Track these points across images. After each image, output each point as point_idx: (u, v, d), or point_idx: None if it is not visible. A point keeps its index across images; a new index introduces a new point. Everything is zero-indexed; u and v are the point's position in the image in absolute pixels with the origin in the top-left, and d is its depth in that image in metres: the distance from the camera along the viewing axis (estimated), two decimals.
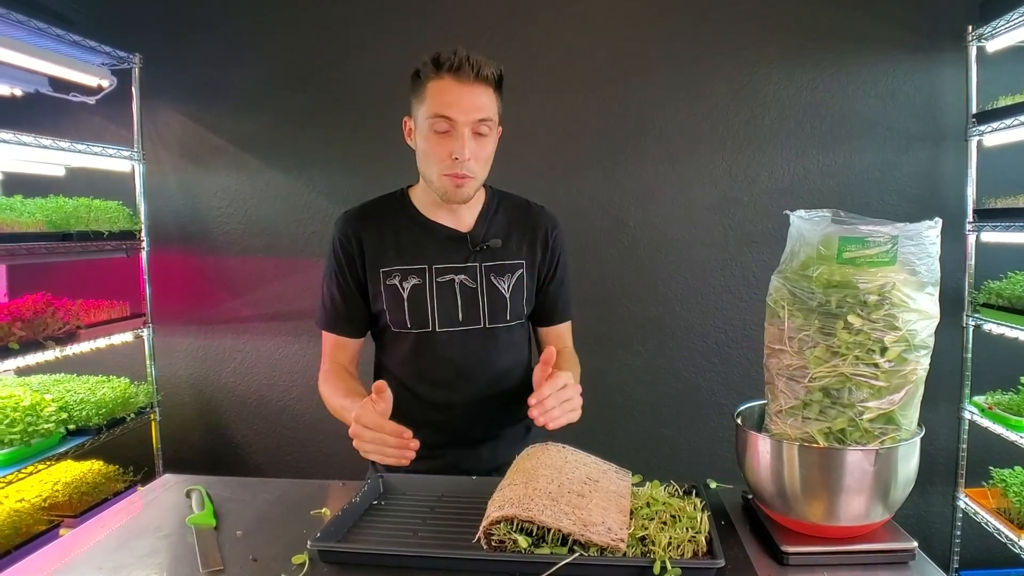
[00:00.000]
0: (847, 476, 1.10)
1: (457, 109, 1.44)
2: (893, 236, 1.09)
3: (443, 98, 1.45)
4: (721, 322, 2.74)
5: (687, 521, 1.17)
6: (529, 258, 1.65)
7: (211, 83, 2.81)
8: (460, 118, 1.44)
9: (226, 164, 2.84)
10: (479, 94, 1.46)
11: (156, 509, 1.36)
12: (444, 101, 1.45)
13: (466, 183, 1.49)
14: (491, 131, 1.51)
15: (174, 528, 1.27)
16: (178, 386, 2.94)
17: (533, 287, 1.66)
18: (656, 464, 2.78)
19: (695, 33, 2.67)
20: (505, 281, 1.62)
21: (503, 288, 1.62)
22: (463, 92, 1.45)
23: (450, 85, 1.45)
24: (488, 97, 1.48)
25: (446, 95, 1.45)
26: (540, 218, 1.68)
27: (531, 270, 1.65)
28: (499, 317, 1.62)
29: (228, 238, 2.87)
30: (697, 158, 2.70)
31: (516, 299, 1.63)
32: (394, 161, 2.71)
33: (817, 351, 1.12)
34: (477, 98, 1.46)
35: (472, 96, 1.45)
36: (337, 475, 2.80)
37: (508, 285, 1.62)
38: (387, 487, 1.42)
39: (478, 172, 1.51)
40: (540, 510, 1.08)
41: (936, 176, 2.66)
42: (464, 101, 1.44)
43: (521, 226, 1.66)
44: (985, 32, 2.46)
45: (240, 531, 1.25)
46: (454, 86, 1.45)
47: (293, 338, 2.88)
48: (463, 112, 1.44)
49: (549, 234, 1.67)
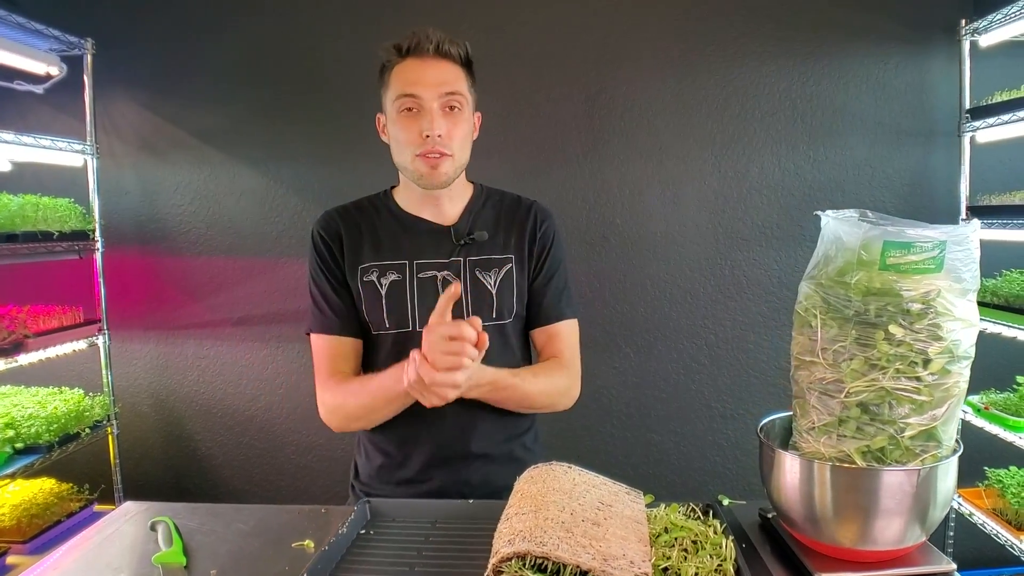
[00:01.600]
0: (887, 498, 1.02)
1: (421, 85, 1.42)
2: (941, 241, 1.01)
3: (406, 77, 1.43)
4: (711, 323, 2.69)
5: (711, 548, 1.09)
6: (518, 252, 1.55)
7: (171, 71, 2.67)
8: (425, 93, 1.41)
9: (187, 158, 2.70)
10: (443, 69, 1.44)
11: (116, 545, 1.22)
12: (407, 80, 1.43)
13: (442, 162, 1.43)
14: (463, 108, 1.46)
15: (138, 568, 1.13)
16: (137, 396, 2.79)
17: (524, 283, 1.56)
18: (645, 469, 2.72)
19: (684, 24, 2.61)
20: (492, 276, 1.52)
21: (489, 283, 1.52)
22: (426, 68, 1.43)
23: (412, 64, 1.44)
24: (453, 72, 1.45)
25: (409, 74, 1.43)
26: (529, 211, 1.60)
27: (520, 265, 1.55)
28: (484, 315, 1.49)
29: (190, 237, 2.73)
30: (686, 153, 2.64)
31: (504, 295, 1.53)
32: (367, 156, 2.63)
33: (854, 363, 1.04)
34: (441, 73, 1.44)
35: (436, 71, 1.43)
36: (309, 489, 2.78)
37: (495, 280, 1.52)
38: (375, 513, 1.30)
39: (455, 150, 1.45)
40: (555, 544, 0.98)
41: (928, 172, 2.64)
42: (428, 76, 1.42)
43: (509, 219, 1.58)
44: (979, 26, 2.45)
45: (214, 570, 1.12)
46: (416, 64, 1.43)
47: (261, 343, 2.75)
48: (427, 87, 1.42)
49: (539, 226, 1.58)
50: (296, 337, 2.72)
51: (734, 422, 2.72)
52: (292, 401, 2.76)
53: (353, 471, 1.67)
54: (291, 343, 2.73)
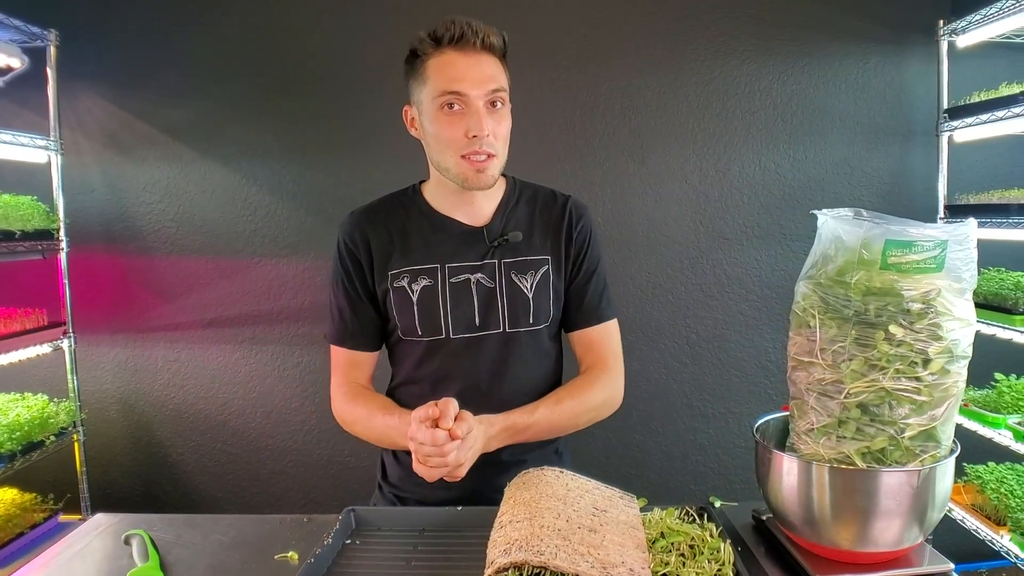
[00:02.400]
0: (888, 499, 1.02)
1: (468, 82, 1.32)
2: (943, 240, 1.01)
3: (449, 73, 1.33)
4: (693, 322, 2.68)
5: (708, 552, 1.08)
6: (555, 253, 1.49)
7: (139, 64, 2.59)
8: (472, 91, 1.32)
9: (156, 155, 2.62)
10: (488, 64, 1.35)
11: (88, 560, 1.17)
12: (451, 76, 1.32)
13: (488, 164, 1.36)
14: (506, 104, 1.38)
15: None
16: (105, 402, 2.71)
17: (561, 286, 1.50)
18: (627, 470, 2.70)
19: (665, 23, 2.60)
20: (528, 279, 1.46)
21: (525, 287, 1.46)
22: (471, 63, 1.33)
23: (455, 58, 1.33)
24: (497, 67, 1.38)
25: (452, 69, 1.33)
26: (566, 208, 1.53)
27: (557, 266, 1.49)
28: (521, 320, 1.46)
29: (159, 237, 2.65)
30: (667, 152, 2.63)
31: (540, 299, 1.47)
32: (345, 152, 2.61)
33: (854, 364, 1.04)
34: (487, 68, 1.34)
35: (481, 66, 1.33)
36: (285, 495, 2.72)
37: (531, 283, 1.46)
38: (360, 522, 1.26)
39: (499, 150, 1.38)
40: (553, 553, 0.96)
41: (907, 171, 2.65)
42: (473, 72, 1.32)
43: (545, 218, 1.51)
44: (957, 27, 2.46)
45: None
46: (459, 58, 1.33)
47: (233, 346, 2.69)
48: (474, 84, 1.32)
49: (575, 224, 1.51)
50: (271, 339, 2.67)
51: (716, 421, 2.71)
52: (267, 405, 2.70)
53: (380, 471, 1.62)
54: (265, 345, 2.68)
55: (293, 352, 2.68)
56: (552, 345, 1.54)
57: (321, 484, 2.71)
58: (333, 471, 2.72)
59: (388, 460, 1.59)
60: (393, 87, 2.53)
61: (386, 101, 2.55)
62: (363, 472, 2.70)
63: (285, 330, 2.67)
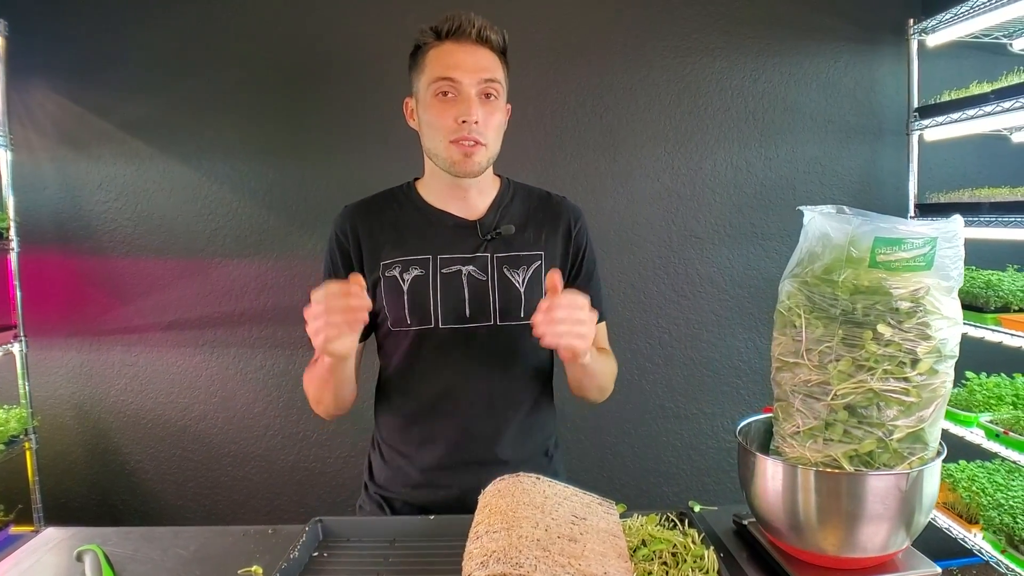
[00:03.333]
0: (876, 503, 1.00)
1: (461, 70, 1.37)
2: (932, 238, 1.00)
3: (445, 61, 1.38)
4: (665, 321, 2.67)
5: (692, 561, 1.06)
6: (549, 250, 1.49)
7: (95, 57, 2.51)
8: (464, 79, 1.36)
9: (113, 152, 2.55)
10: (483, 55, 1.40)
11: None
12: (446, 64, 1.38)
13: (476, 151, 1.39)
14: (499, 96, 1.42)
15: None
16: (58, 408, 2.63)
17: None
18: (598, 472, 2.69)
19: (637, 19, 2.59)
20: (520, 274, 1.46)
21: (517, 281, 1.45)
22: (466, 53, 1.38)
23: (451, 48, 1.39)
24: (493, 60, 1.41)
25: (448, 57, 1.38)
26: (561, 207, 1.55)
27: (551, 263, 1.48)
28: (512, 314, 1.45)
29: (116, 237, 2.58)
30: (639, 150, 2.63)
31: (532, 294, 1.45)
32: (310, 150, 2.56)
33: (841, 365, 1.02)
34: (481, 59, 1.39)
35: (476, 57, 1.38)
36: (248, 502, 2.65)
37: (523, 278, 1.46)
38: (328, 533, 1.21)
39: (489, 139, 1.40)
40: (533, 565, 0.92)
41: (877, 170, 2.68)
42: (468, 61, 1.38)
43: (540, 215, 1.52)
44: (927, 26, 2.49)
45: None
46: (456, 48, 1.38)
47: (193, 349, 2.62)
48: (467, 72, 1.37)
49: (572, 225, 1.53)
50: (232, 342, 2.61)
51: (688, 422, 2.70)
52: (228, 410, 2.64)
53: (367, 472, 1.59)
54: (226, 348, 2.62)
55: (256, 355, 2.63)
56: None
57: (285, 491, 2.65)
58: (298, 477, 2.66)
59: (376, 459, 1.57)
60: (360, 85, 2.53)
61: (353, 99, 2.55)
62: (329, 478, 2.66)
63: (247, 332, 2.62)
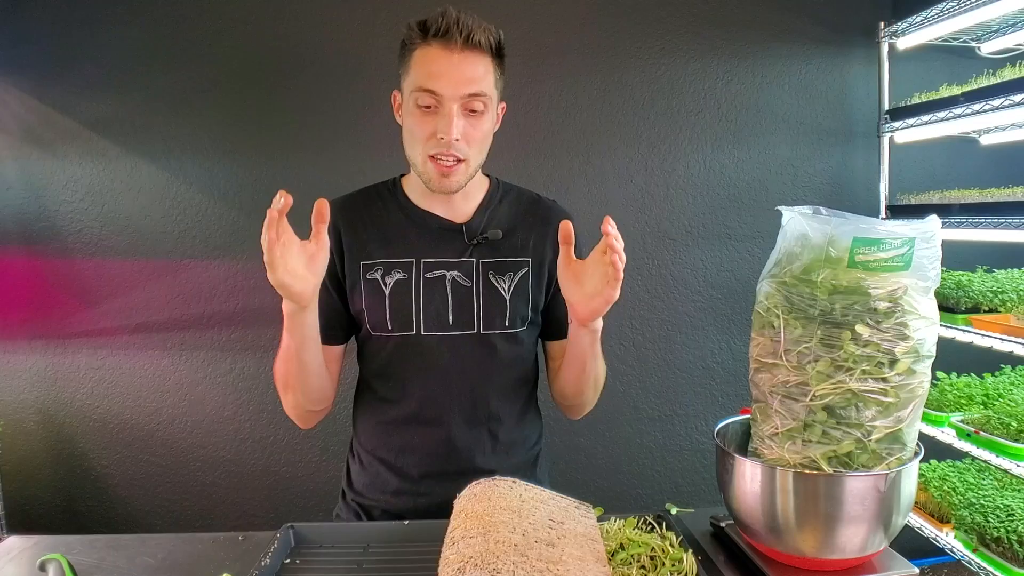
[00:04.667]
0: (855, 504, 1.01)
1: (444, 81, 1.28)
2: (911, 238, 1.01)
3: (428, 68, 1.29)
4: (638, 323, 2.68)
5: (670, 564, 1.06)
6: (536, 256, 1.45)
7: (61, 55, 2.47)
8: (447, 92, 1.28)
9: (79, 151, 2.51)
10: (471, 64, 1.30)
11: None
12: (429, 72, 1.29)
13: (455, 170, 1.33)
14: (486, 108, 1.35)
15: None
16: (22, 412, 2.58)
17: (540, 291, 1.46)
18: (573, 475, 2.69)
19: (610, 20, 2.60)
20: (506, 280, 1.42)
21: (503, 288, 1.42)
22: (452, 62, 1.29)
23: (437, 54, 1.29)
24: (483, 67, 1.32)
25: (432, 65, 1.29)
26: (551, 211, 1.50)
27: (538, 270, 1.45)
28: (496, 322, 1.42)
29: (82, 237, 2.54)
30: (612, 151, 2.64)
31: (517, 302, 1.43)
32: (280, 148, 2.54)
33: (820, 365, 1.02)
34: (468, 69, 1.30)
35: (463, 66, 1.29)
36: (216, 507, 2.62)
37: (509, 285, 1.42)
38: (300, 539, 1.19)
39: (471, 155, 1.34)
40: (511, 571, 0.91)
41: (849, 171, 2.72)
42: (453, 72, 1.29)
43: (528, 220, 1.48)
44: (897, 29, 2.53)
45: None
46: (441, 55, 1.29)
47: (162, 352, 2.59)
48: (450, 85, 1.28)
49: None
50: (201, 344, 2.59)
51: (662, 424, 2.71)
52: (198, 413, 2.61)
53: (345, 478, 1.56)
54: (195, 351, 2.59)
55: (225, 358, 2.60)
56: (528, 350, 1.50)
57: (255, 496, 2.63)
58: (268, 482, 2.64)
59: (354, 466, 1.54)
60: (331, 84, 2.51)
61: (323, 99, 2.53)
62: (300, 483, 2.64)
63: (217, 335, 2.59)
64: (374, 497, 1.48)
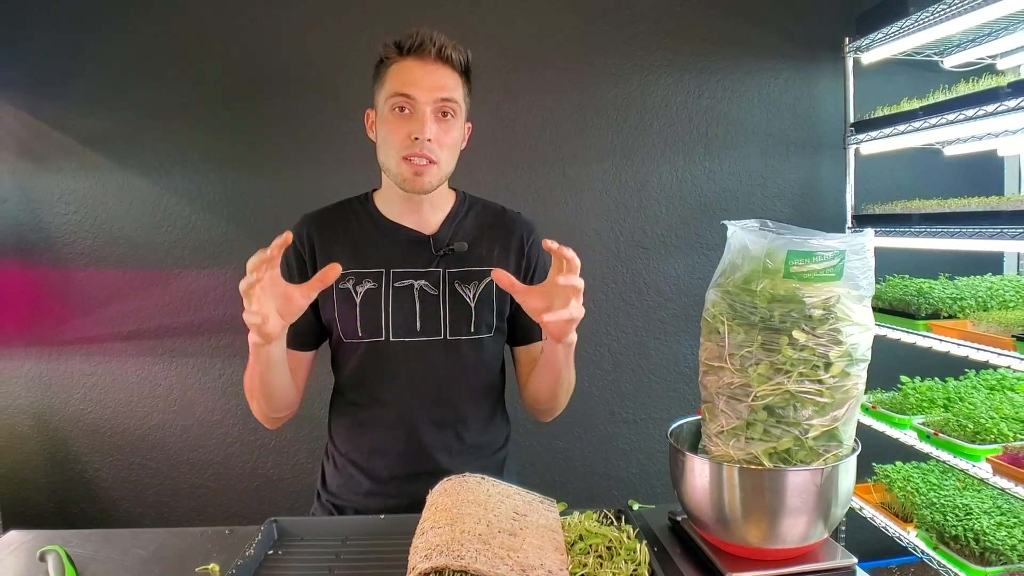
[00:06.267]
0: (793, 497, 1.07)
1: (418, 87, 1.39)
2: (840, 250, 1.07)
3: (403, 77, 1.41)
4: (613, 329, 2.73)
5: (625, 554, 1.10)
6: (501, 265, 1.51)
7: (54, 72, 2.52)
8: (421, 96, 1.39)
9: (72, 164, 2.56)
10: (443, 74, 1.42)
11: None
12: (404, 80, 1.40)
13: (427, 170, 1.41)
14: (456, 116, 1.45)
15: None
16: (17, 417, 2.63)
17: (505, 299, 1.53)
18: (550, 476, 2.73)
19: (584, 37, 2.65)
20: (471, 289, 1.50)
21: (468, 296, 1.49)
22: (425, 71, 1.41)
23: (411, 65, 1.41)
24: (452, 79, 1.43)
25: (407, 74, 1.41)
26: (515, 223, 1.58)
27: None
28: (462, 329, 1.49)
29: (75, 249, 2.59)
30: (587, 163, 2.69)
31: (483, 309, 1.50)
32: (267, 162, 2.59)
33: (760, 368, 1.08)
34: (440, 77, 1.41)
35: (435, 75, 1.41)
36: (206, 509, 2.68)
37: (474, 294, 1.50)
38: (282, 532, 1.25)
39: (442, 158, 1.43)
40: (473, 557, 0.97)
41: (816, 182, 2.77)
42: (426, 79, 1.40)
43: (493, 231, 1.56)
44: (861, 44, 2.58)
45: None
46: (416, 65, 1.41)
47: (153, 359, 2.64)
48: (424, 90, 1.39)
49: (525, 240, 1.56)
50: (191, 351, 2.64)
51: (637, 427, 2.76)
52: (187, 418, 2.66)
53: (320, 480, 1.62)
54: (185, 358, 2.64)
55: (214, 364, 2.65)
56: (494, 356, 1.57)
57: (243, 498, 2.68)
58: (256, 484, 2.69)
59: (328, 468, 1.60)
60: (315, 99, 2.57)
61: (308, 113, 2.58)
62: (286, 485, 2.69)
63: (206, 342, 2.64)
64: (347, 498, 1.54)
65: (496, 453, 1.61)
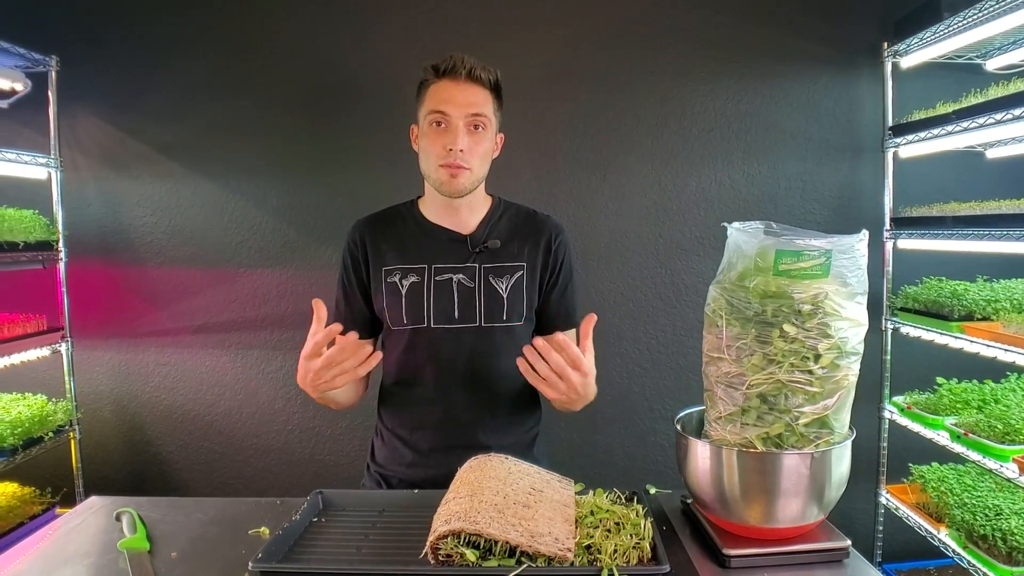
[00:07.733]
0: (785, 479, 1.14)
1: (451, 104, 1.57)
2: (827, 250, 1.13)
3: (439, 95, 1.58)
4: (653, 328, 2.78)
5: (631, 528, 1.18)
6: (530, 261, 1.69)
7: (133, 86, 2.70)
8: (454, 112, 1.57)
9: (149, 171, 2.74)
10: (473, 92, 1.59)
11: (83, 534, 1.30)
12: (440, 98, 1.58)
13: (461, 174, 1.58)
14: (487, 128, 1.62)
15: (103, 553, 1.21)
16: (99, 402, 2.82)
17: (534, 291, 1.70)
18: (592, 470, 2.80)
19: (624, 46, 2.71)
20: (504, 282, 1.66)
21: (501, 288, 1.66)
22: (457, 90, 1.58)
23: (446, 85, 1.59)
24: (482, 96, 1.60)
25: (442, 93, 1.58)
26: (544, 224, 1.74)
27: (532, 273, 1.69)
28: (496, 316, 1.65)
29: (151, 248, 2.77)
30: (628, 168, 2.74)
31: (514, 299, 1.66)
32: (324, 169, 2.72)
33: (754, 359, 1.16)
34: (471, 95, 1.58)
35: (465, 93, 1.58)
36: (267, 491, 2.87)
37: (506, 286, 1.66)
38: (327, 503, 1.39)
39: (474, 165, 1.60)
40: (487, 523, 1.08)
41: (855, 185, 2.76)
42: (458, 97, 1.57)
43: (524, 231, 1.72)
44: (899, 49, 2.57)
45: (175, 553, 1.21)
46: (449, 85, 1.58)
47: (220, 351, 2.80)
48: (456, 107, 1.57)
49: (552, 240, 1.72)
50: (255, 344, 2.78)
51: None
52: (251, 406, 2.81)
53: (370, 453, 1.81)
54: (250, 350, 2.79)
55: (276, 356, 2.79)
56: (524, 342, 1.65)
57: (301, 481, 2.80)
58: (314, 468, 2.82)
59: (377, 442, 1.79)
60: (371, 110, 2.69)
61: (364, 123, 2.69)
62: (341, 470, 2.81)
63: (269, 336, 2.78)
64: (392, 468, 1.71)
65: (528, 431, 1.77)
